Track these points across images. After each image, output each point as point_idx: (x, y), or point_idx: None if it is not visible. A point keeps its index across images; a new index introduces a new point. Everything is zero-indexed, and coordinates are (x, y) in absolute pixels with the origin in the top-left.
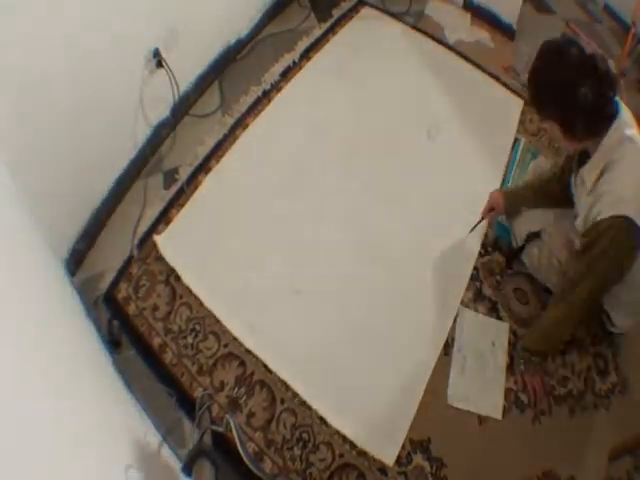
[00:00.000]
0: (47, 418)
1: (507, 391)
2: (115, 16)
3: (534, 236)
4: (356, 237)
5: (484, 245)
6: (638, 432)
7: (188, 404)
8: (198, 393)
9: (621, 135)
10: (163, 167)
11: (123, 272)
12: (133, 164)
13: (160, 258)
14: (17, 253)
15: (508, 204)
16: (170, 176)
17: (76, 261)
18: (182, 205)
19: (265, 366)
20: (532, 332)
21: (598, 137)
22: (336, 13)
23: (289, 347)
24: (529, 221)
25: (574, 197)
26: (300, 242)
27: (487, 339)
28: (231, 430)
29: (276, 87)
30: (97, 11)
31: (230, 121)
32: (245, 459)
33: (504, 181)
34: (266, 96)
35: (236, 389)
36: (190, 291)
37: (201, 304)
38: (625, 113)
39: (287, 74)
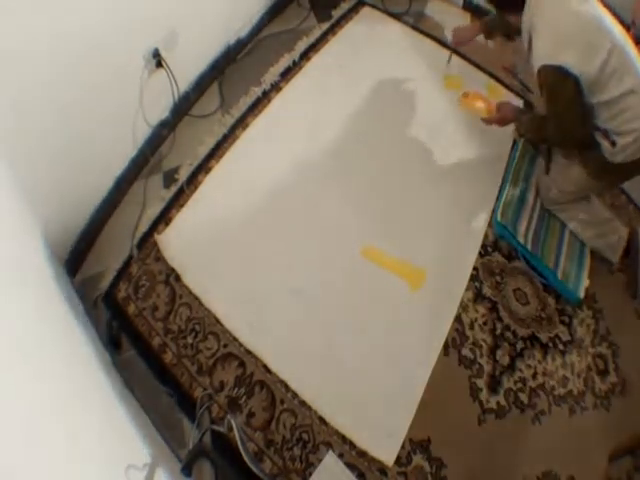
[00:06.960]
0: (47, 418)
1: (507, 391)
2: (115, 16)
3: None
4: (356, 237)
5: (484, 245)
6: (638, 432)
7: (188, 404)
8: (198, 393)
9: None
10: (163, 167)
11: (123, 272)
12: (133, 164)
13: (160, 258)
14: (17, 253)
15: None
16: (170, 176)
17: (76, 261)
18: (182, 205)
19: (265, 366)
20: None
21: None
22: (336, 13)
23: (289, 347)
24: None
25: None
26: (300, 242)
27: None
28: (231, 430)
29: (276, 87)
30: (96, 11)
31: (230, 121)
32: (246, 459)
33: (503, 181)
34: (266, 96)
35: (236, 389)
36: (190, 291)
37: (201, 304)
38: None
39: (287, 74)
